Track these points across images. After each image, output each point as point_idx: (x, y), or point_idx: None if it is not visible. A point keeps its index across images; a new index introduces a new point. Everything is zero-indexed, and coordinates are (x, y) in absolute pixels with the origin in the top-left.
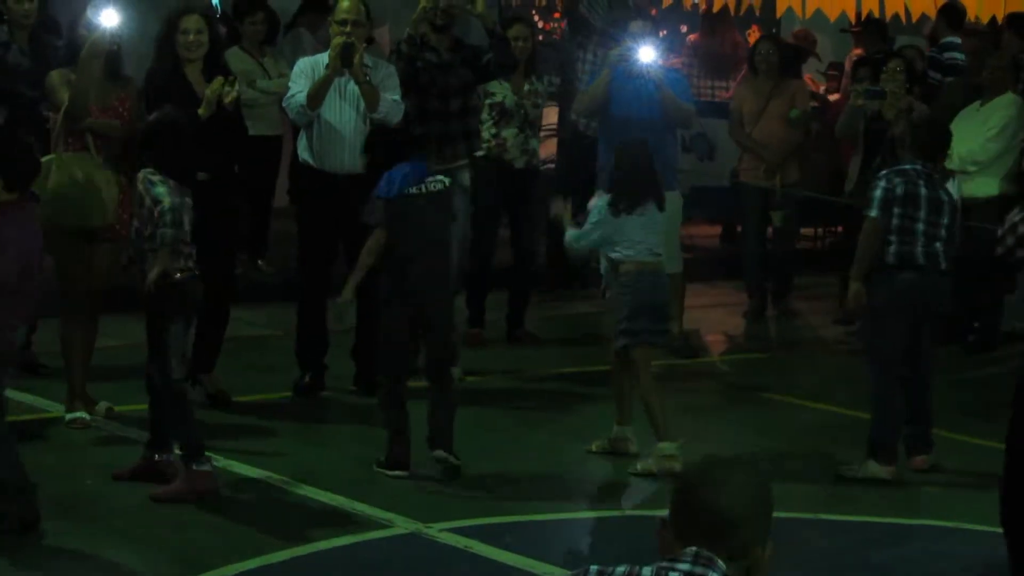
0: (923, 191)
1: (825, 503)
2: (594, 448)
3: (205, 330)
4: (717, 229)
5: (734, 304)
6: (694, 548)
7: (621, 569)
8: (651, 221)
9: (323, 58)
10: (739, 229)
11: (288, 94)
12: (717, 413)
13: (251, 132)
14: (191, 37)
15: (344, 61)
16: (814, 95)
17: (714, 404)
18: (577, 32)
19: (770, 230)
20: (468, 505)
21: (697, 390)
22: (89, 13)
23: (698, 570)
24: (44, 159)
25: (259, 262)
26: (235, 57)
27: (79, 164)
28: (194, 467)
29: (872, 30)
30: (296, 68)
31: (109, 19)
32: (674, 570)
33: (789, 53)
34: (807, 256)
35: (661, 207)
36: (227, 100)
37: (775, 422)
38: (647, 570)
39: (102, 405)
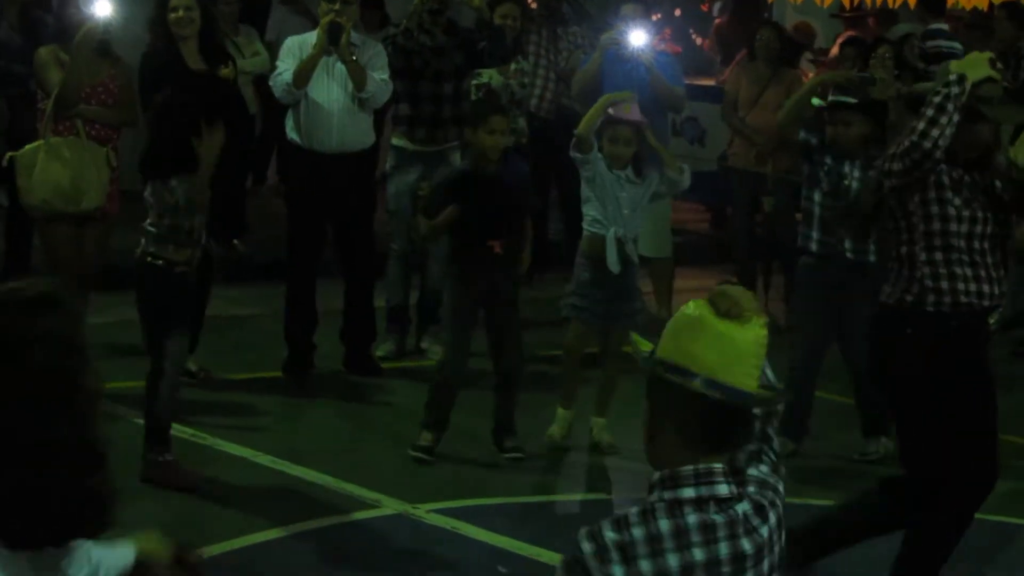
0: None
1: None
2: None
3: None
4: (707, 213)
5: None
6: (691, 467)
7: (635, 518)
8: (635, 197)
9: (311, 37)
10: (728, 213)
11: (275, 73)
12: None
13: None
14: (180, 14)
15: (331, 40)
16: None
17: None
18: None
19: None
20: (455, 486)
21: None
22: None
23: (703, 492)
24: (31, 145)
25: (235, 242)
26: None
27: (69, 148)
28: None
29: (929, 6)
30: (284, 47)
31: (102, 9)
32: (681, 501)
33: (789, 43)
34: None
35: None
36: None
37: None
38: (664, 520)
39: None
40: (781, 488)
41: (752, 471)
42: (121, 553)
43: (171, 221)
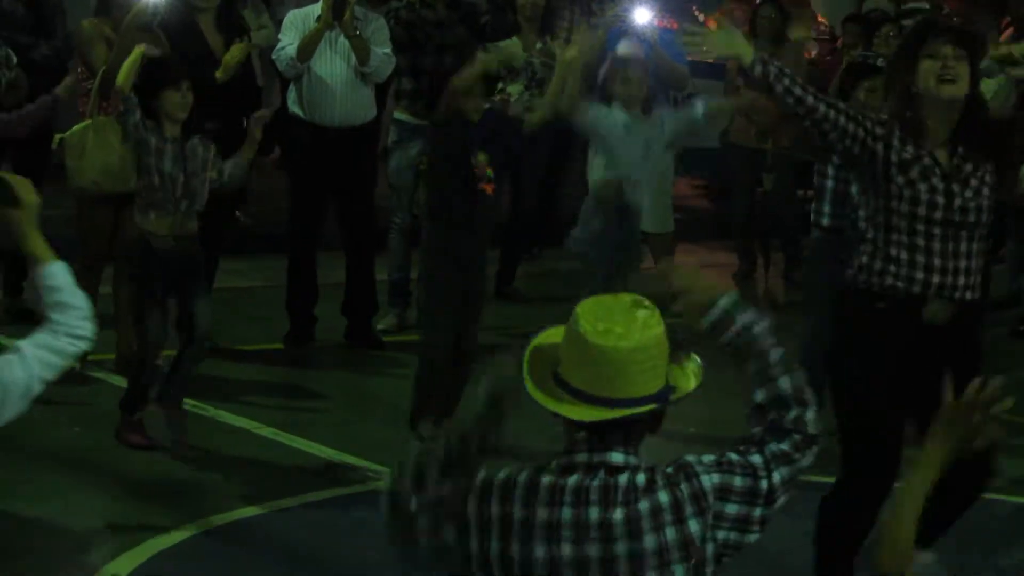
0: None
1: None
2: None
3: None
4: (707, 189)
5: (724, 264)
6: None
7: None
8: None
9: (314, 10)
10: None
11: (278, 46)
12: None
13: None
14: None
15: (335, 14)
16: (810, 61)
17: None
18: None
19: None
20: None
21: None
22: None
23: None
24: (79, 125)
25: (236, 213)
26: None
27: (115, 129)
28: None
29: None
30: (286, 20)
31: None
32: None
33: (790, 18)
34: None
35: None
36: (237, 59)
37: None
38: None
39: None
40: (802, 461)
41: (772, 446)
42: None
43: (147, 182)
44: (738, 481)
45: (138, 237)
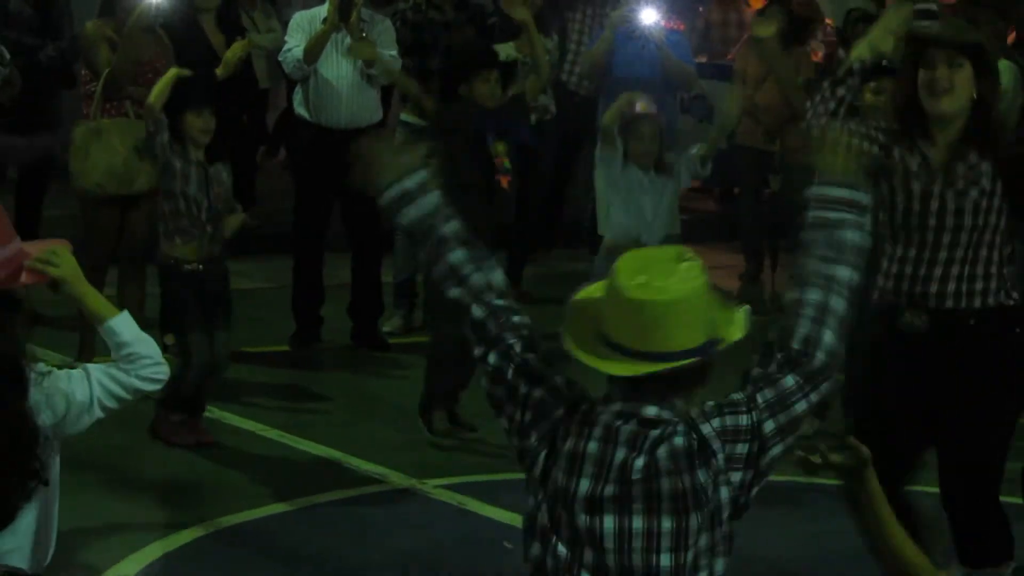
0: None
1: None
2: None
3: None
4: (714, 191)
5: (731, 266)
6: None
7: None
8: (657, 201)
9: (320, 12)
10: (736, 192)
11: (284, 48)
12: None
13: None
14: None
15: (341, 16)
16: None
17: None
18: None
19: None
20: (462, 462)
21: None
22: None
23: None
24: (83, 126)
25: (243, 215)
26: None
27: (119, 131)
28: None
29: None
30: (293, 22)
31: None
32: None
33: (797, 20)
34: None
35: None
36: (237, 57)
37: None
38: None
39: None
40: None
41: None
42: None
43: (172, 207)
44: (743, 420)
45: (168, 264)
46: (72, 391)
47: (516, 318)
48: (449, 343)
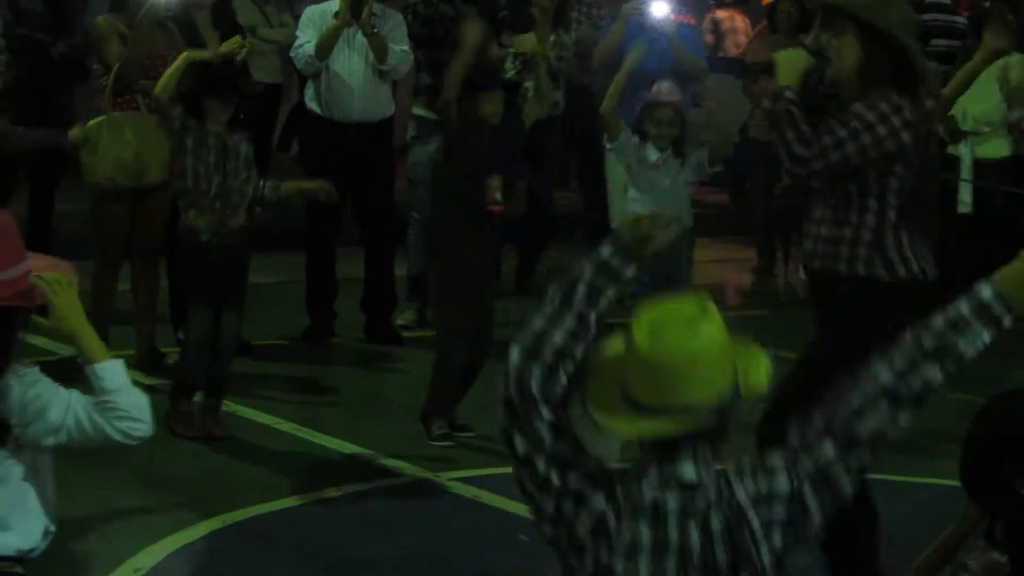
0: None
1: None
2: None
3: None
4: (726, 184)
5: (742, 259)
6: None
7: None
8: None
9: (332, 6)
10: (748, 186)
11: (296, 44)
12: None
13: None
14: None
15: (353, 12)
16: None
17: None
18: None
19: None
20: (477, 455)
21: None
22: None
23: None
24: (94, 121)
25: (256, 209)
26: (239, 5)
27: (130, 124)
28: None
29: None
30: (304, 16)
31: None
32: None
33: (809, 13)
34: None
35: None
36: (239, 57)
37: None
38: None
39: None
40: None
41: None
42: None
43: (182, 184)
44: (782, 484)
45: (184, 233)
46: (48, 408)
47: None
48: (458, 357)
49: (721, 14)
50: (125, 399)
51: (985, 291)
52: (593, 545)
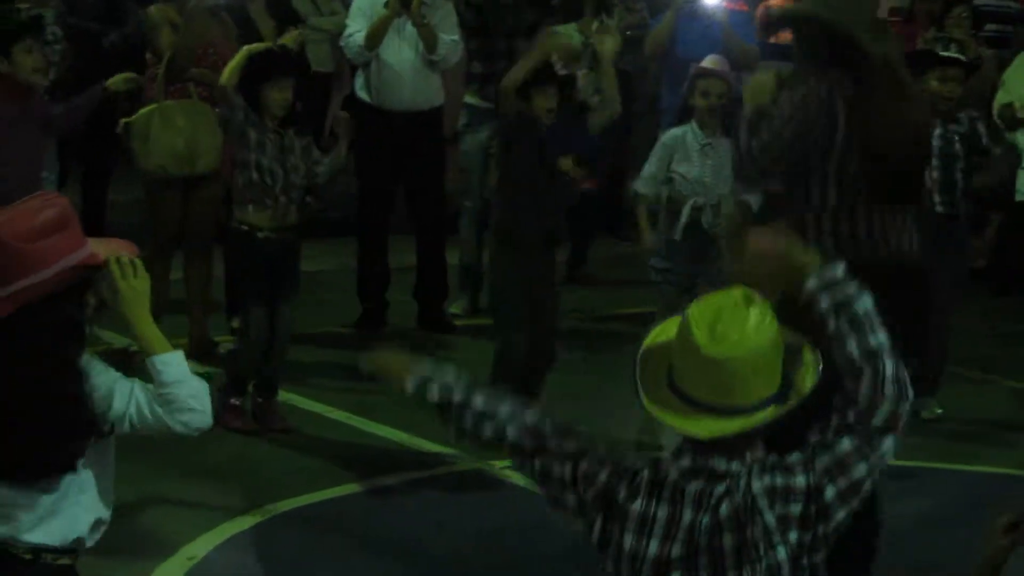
0: None
1: None
2: None
3: None
4: None
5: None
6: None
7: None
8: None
9: None
10: None
11: (346, 33)
12: None
13: None
14: None
15: (403, 2)
16: None
17: None
18: None
19: None
20: None
21: None
22: None
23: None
24: (145, 109)
25: (307, 198)
26: None
27: (182, 112)
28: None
29: None
30: (354, 5)
31: None
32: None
33: None
34: None
35: None
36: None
37: None
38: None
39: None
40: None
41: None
42: None
43: (246, 178)
44: (798, 480)
45: (239, 229)
46: (112, 396)
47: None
48: (517, 349)
49: (774, 1)
50: (186, 390)
51: (815, 293)
52: (602, 522)
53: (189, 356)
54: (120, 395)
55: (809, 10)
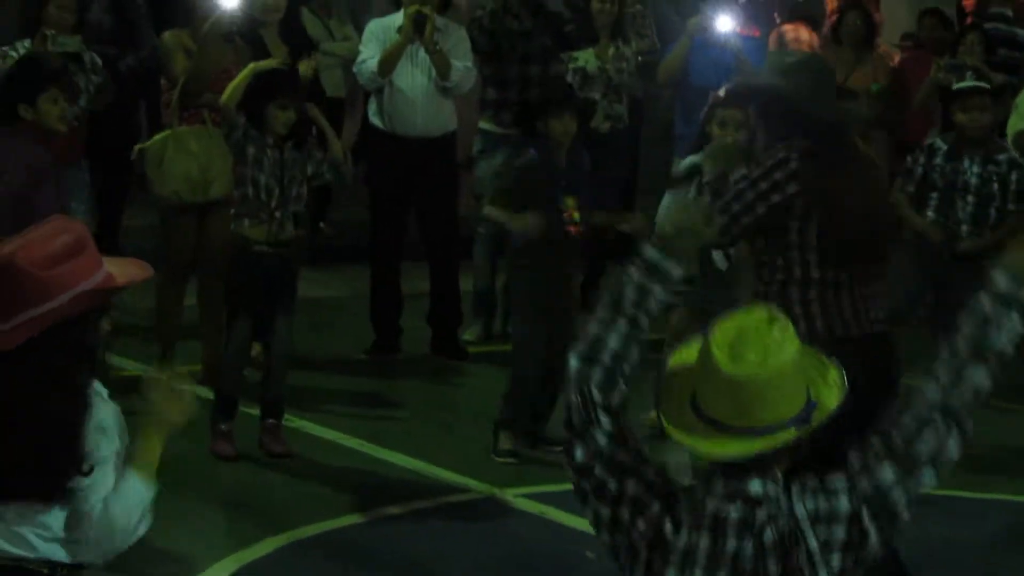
0: None
1: None
2: None
3: None
4: None
5: None
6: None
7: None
8: None
9: (394, 21)
10: None
11: (359, 59)
12: None
13: None
14: (270, 0)
15: (416, 29)
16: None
17: None
18: None
19: None
20: (544, 471)
21: None
22: None
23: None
24: (159, 135)
25: (320, 224)
26: (302, 19)
27: (196, 138)
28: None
29: None
30: (367, 31)
31: (230, 0)
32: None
33: (872, 24)
34: None
35: None
36: (307, 77)
37: None
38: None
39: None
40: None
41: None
42: None
43: (243, 193)
44: (842, 505)
45: (235, 242)
46: (102, 435)
47: (605, 420)
48: (533, 369)
49: (786, 27)
50: (123, 518)
51: (999, 279)
52: (647, 552)
53: (202, 382)
54: (111, 440)
55: (771, 84)
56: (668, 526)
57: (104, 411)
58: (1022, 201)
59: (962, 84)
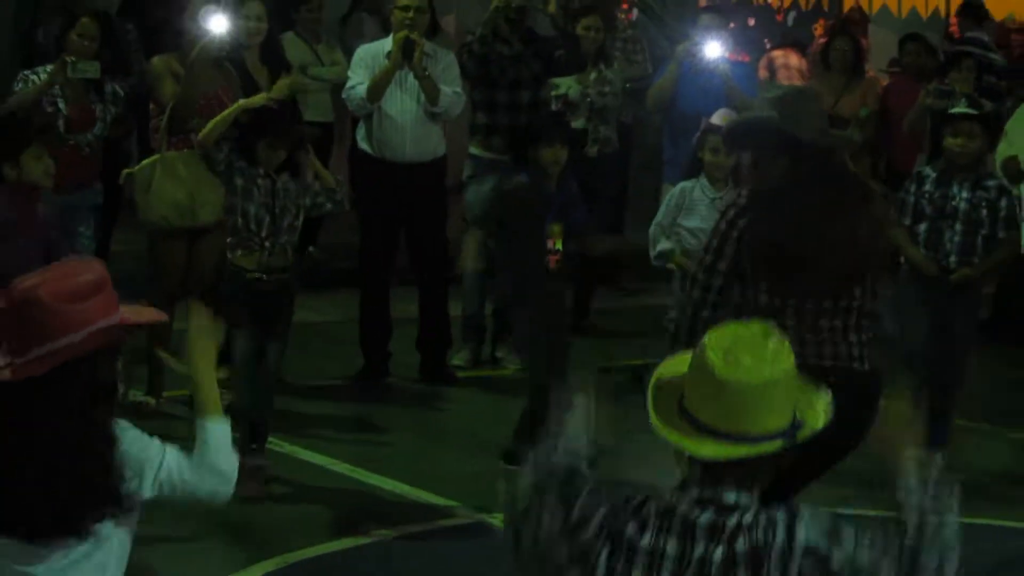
0: None
1: None
2: None
3: None
4: None
5: None
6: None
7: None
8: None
9: (382, 46)
10: None
11: (348, 85)
12: None
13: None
14: (252, 24)
15: (405, 55)
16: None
17: None
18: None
19: None
20: None
21: None
22: (199, 17)
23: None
24: (147, 160)
25: (310, 248)
26: (290, 44)
27: (184, 163)
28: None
29: (969, 13)
30: (356, 57)
31: (218, 25)
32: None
33: (861, 50)
34: None
35: None
36: (283, 93)
37: None
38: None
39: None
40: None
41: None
42: None
43: (233, 223)
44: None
45: (230, 271)
46: (143, 465)
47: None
48: (545, 372)
49: (776, 53)
50: (223, 460)
51: (902, 488)
52: (608, 555)
53: (190, 405)
54: (150, 464)
55: (767, 120)
56: (630, 528)
57: (138, 446)
58: (1011, 228)
59: (958, 109)
